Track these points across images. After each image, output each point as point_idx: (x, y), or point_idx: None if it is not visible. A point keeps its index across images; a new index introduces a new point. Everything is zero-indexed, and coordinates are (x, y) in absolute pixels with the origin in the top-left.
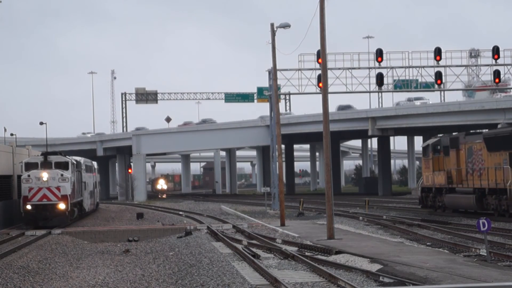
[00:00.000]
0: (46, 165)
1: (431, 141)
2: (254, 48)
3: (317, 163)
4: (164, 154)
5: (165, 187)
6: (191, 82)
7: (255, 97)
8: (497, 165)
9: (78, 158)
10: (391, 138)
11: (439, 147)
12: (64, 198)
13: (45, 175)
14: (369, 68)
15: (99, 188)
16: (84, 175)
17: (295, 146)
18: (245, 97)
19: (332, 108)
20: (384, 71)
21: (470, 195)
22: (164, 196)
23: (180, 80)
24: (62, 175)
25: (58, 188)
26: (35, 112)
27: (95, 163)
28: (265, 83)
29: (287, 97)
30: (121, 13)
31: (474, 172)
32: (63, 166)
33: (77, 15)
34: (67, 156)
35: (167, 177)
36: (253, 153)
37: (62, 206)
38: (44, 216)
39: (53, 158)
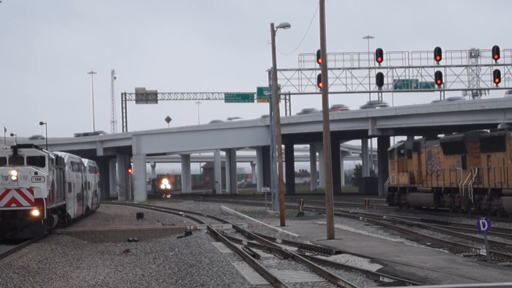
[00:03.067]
0: (16, 160)
1: (396, 145)
2: (254, 48)
3: (317, 163)
4: (164, 154)
5: (169, 187)
6: (189, 82)
7: (255, 97)
8: (451, 167)
9: (61, 153)
10: (391, 138)
11: (403, 150)
12: (38, 202)
13: (14, 173)
14: (369, 68)
15: (95, 189)
16: (70, 174)
17: (295, 146)
18: (245, 97)
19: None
20: (384, 71)
21: (429, 194)
22: (169, 196)
23: (170, 80)
24: (36, 173)
25: (31, 189)
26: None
27: (86, 161)
28: (265, 83)
29: (287, 97)
30: (104, 13)
31: (433, 173)
32: (39, 161)
33: (54, 15)
34: (43, 150)
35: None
36: (253, 153)
37: (36, 212)
38: (13, 225)
39: (26, 152)
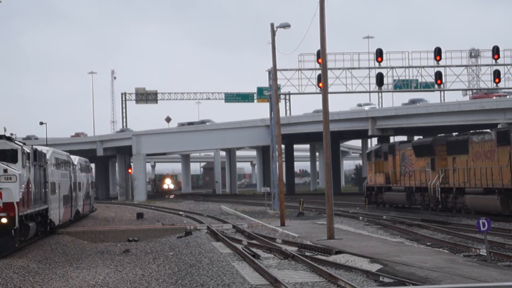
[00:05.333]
0: None
1: (374, 147)
2: (254, 48)
3: (317, 163)
4: (164, 154)
5: (172, 186)
6: (189, 82)
7: (255, 97)
8: (422, 168)
9: (42, 148)
10: (391, 138)
11: (380, 153)
12: (8, 207)
13: None
14: (369, 68)
15: (87, 191)
16: (54, 172)
17: (295, 146)
18: (245, 97)
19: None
20: (384, 71)
21: (402, 193)
22: (172, 196)
23: (170, 80)
24: (6, 171)
25: None
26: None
27: (76, 158)
28: (265, 83)
29: (287, 97)
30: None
31: (406, 174)
32: (10, 156)
33: (41, 15)
34: (16, 142)
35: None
36: (253, 153)
37: (4, 220)
38: None
39: None
